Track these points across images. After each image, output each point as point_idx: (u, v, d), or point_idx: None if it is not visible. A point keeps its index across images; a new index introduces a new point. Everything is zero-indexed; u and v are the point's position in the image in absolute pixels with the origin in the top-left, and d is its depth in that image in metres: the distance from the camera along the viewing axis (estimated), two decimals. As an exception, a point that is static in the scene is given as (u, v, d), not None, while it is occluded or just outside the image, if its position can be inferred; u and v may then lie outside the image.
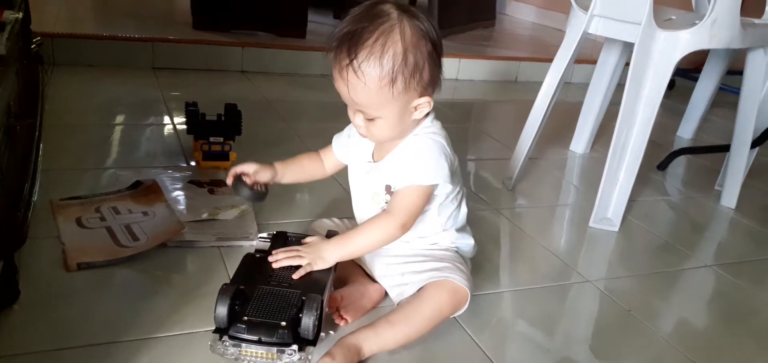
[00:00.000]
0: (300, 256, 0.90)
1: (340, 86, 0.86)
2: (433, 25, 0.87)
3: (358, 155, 1.01)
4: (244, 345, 0.78)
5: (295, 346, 0.78)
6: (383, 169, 0.96)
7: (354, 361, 0.83)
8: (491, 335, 0.97)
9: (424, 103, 0.89)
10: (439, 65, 0.89)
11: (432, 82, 0.89)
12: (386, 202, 0.95)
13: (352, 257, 0.97)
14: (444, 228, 1.00)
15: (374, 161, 0.99)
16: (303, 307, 0.80)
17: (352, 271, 1.02)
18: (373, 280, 1.02)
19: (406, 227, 0.91)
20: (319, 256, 0.90)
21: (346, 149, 1.04)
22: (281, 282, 0.86)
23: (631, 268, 1.29)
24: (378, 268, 1.00)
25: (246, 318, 0.78)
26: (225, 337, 0.78)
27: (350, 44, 0.83)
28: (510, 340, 0.99)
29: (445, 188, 0.94)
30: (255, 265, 0.91)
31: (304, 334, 0.79)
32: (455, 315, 0.95)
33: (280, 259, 0.90)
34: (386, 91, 0.84)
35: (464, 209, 1.03)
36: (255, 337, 0.78)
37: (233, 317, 0.79)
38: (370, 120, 0.89)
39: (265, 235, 0.98)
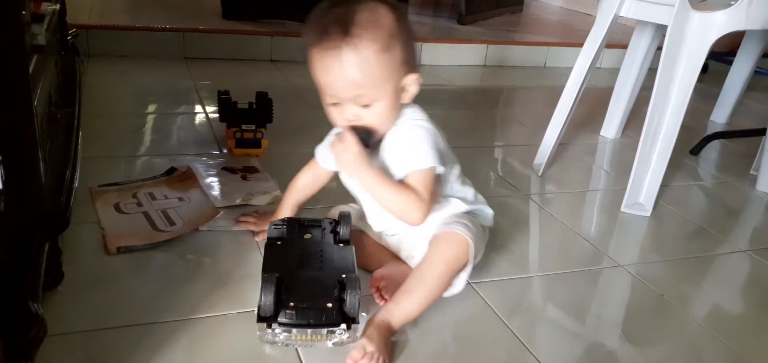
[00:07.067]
0: None
1: (333, 72, 0.85)
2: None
3: None
4: (294, 330, 0.80)
5: (343, 326, 0.80)
6: (378, 164, 0.94)
7: (388, 338, 0.85)
8: (522, 319, 0.98)
9: (413, 81, 0.90)
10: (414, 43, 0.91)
11: (414, 60, 0.90)
12: None
13: (376, 194, 0.93)
14: (444, 195, 0.98)
15: None
16: (345, 288, 0.81)
17: (382, 253, 1.04)
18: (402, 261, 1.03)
19: (427, 210, 0.91)
20: (352, 162, 0.89)
21: (328, 156, 1.01)
22: (312, 266, 0.88)
23: (664, 253, 1.28)
24: (404, 250, 1.01)
25: (292, 304, 0.80)
26: (274, 325, 0.79)
27: (341, 24, 0.83)
28: (541, 324, 0.99)
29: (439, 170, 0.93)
30: (280, 251, 0.92)
31: (350, 312, 0.81)
32: (464, 271, 0.93)
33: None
34: (384, 63, 0.85)
35: (470, 190, 1.03)
36: (305, 321, 0.79)
37: (278, 305, 0.80)
38: (366, 106, 0.88)
39: (278, 222, 0.97)
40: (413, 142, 0.92)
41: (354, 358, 0.79)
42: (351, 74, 0.85)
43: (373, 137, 0.91)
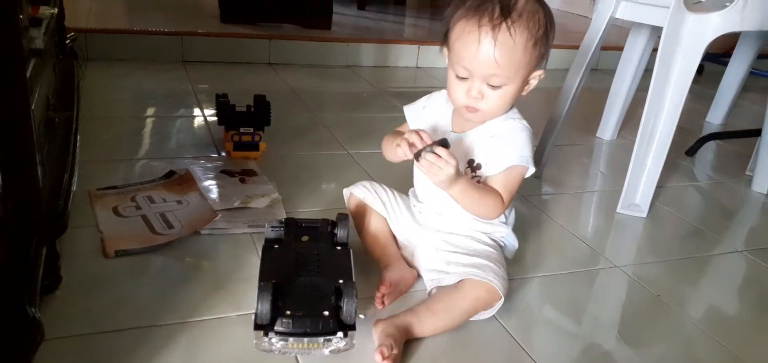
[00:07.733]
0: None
1: (480, 47, 0.88)
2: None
3: (435, 124, 1.03)
4: (291, 339, 0.79)
5: (340, 334, 0.80)
6: (468, 142, 0.97)
7: (404, 341, 0.86)
8: (519, 320, 0.98)
9: (538, 77, 0.94)
10: None
11: (546, 60, 0.94)
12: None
13: (461, 201, 0.94)
14: (501, 220, 1.03)
15: (454, 131, 1.00)
16: (342, 295, 0.81)
17: (389, 254, 1.05)
18: (408, 264, 1.04)
19: (504, 210, 0.96)
20: (448, 179, 0.90)
21: (419, 120, 1.05)
22: (309, 271, 0.88)
23: (660, 253, 1.28)
24: (424, 249, 1.02)
25: (289, 312, 0.79)
26: (271, 334, 0.79)
27: (503, 5, 0.87)
28: (538, 325, 1.00)
29: None
30: (276, 256, 0.92)
31: (347, 320, 0.81)
32: (488, 314, 0.95)
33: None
34: (529, 53, 0.89)
35: (514, 212, 1.07)
36: (301, 330, 0.79)
37: (275, 313, 0.80)
38: (494, 87, 0.91)
39: (275, 223, 0.97)
40: (519, 141, 0.96)
41: (383, 354, 0.81)
42: (496, 55, 0.88)
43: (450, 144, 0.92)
